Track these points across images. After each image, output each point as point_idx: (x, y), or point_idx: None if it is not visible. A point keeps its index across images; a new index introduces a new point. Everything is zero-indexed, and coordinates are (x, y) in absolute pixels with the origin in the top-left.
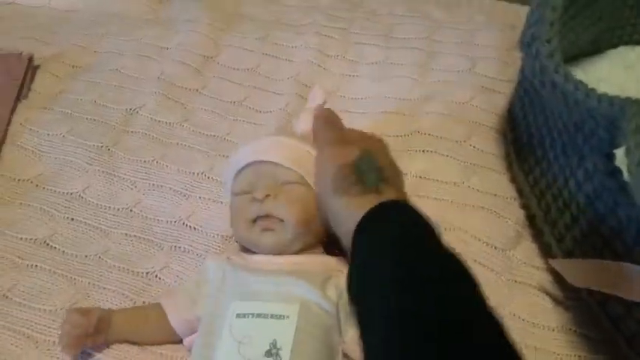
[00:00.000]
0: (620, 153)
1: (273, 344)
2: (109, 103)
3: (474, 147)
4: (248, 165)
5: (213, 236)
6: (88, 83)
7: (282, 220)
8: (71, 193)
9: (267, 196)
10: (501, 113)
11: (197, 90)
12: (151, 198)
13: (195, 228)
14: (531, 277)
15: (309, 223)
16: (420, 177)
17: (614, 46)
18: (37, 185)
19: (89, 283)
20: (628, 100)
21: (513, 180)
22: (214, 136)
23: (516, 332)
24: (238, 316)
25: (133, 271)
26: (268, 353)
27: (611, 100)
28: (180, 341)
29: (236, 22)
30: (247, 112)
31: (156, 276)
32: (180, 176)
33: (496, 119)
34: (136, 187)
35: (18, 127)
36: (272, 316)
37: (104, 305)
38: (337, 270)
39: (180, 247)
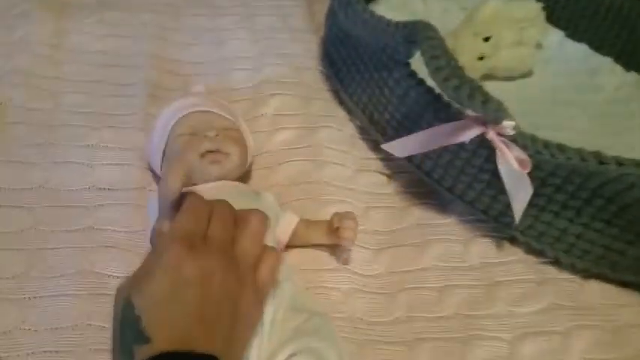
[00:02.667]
0: (413, 60)
1: None
2: None
3: (307, 85)
4: (191, 113)
5: (129, 190)
6: None
7: (227, 154)
8: None
9: (217, 135)
10: (318, 56)
11: (57, 77)
12: (57, 174)
13: (109, 189)
14: (369, 165)
15: (245, 158)
16: (275, 114)
17: None
18: None
19: (38, 249)
20: (416, 21)
21: (341, 103)
22: (92, 112)
23: (367, 200)
24: None
25: (76, 230)
26: None
27: (405, 24)
28: None
29: (67, 9)
30: (113, 88)
31: (97, 229)
32: (76, 150)
33: (315, 61)
34: (40, 167)
35: None
36: None
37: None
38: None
39: (103, 205)
